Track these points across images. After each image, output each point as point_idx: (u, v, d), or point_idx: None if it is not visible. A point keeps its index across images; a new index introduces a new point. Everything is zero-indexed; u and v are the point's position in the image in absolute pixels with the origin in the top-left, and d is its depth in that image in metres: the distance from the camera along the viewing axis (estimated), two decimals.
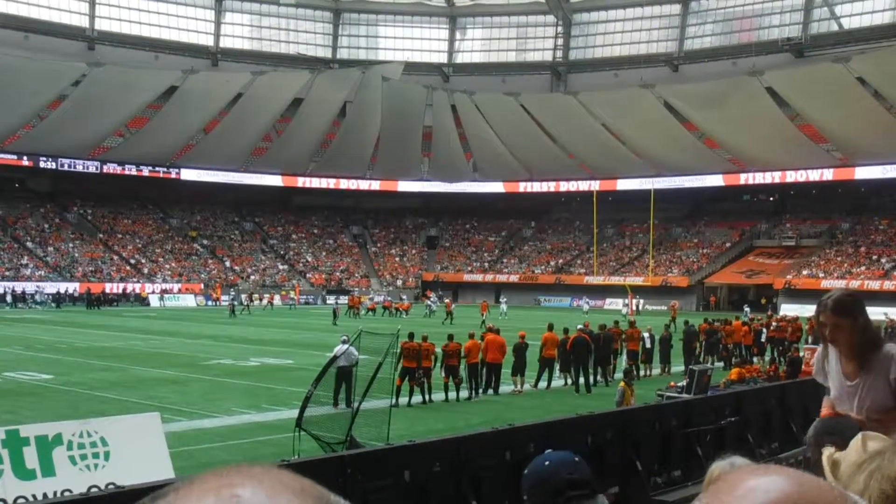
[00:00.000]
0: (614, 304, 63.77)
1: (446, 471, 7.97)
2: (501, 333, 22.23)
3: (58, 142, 67.70)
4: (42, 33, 70.93)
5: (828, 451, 2.41)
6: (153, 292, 64.85)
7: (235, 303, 54.57)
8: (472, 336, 21.59)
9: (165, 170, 75.17)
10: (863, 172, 65.37)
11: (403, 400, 19.37)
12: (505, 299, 59.21)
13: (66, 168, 70.61)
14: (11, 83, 61.92)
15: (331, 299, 65.91)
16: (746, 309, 53.62)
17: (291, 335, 38.92)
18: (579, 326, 23.71)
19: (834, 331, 3.81)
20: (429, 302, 57.70)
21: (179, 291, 66.62)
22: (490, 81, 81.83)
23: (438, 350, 20.51)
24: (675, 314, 45.39)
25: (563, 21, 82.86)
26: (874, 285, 59.69)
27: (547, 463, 2.66)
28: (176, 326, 42.80)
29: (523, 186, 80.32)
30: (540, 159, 77.43)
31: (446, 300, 56.07)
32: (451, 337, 21.03)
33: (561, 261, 76.92)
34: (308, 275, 76.43)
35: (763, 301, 62.37)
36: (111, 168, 72.45)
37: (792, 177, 68.88)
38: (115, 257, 70.38)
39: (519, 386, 21.92)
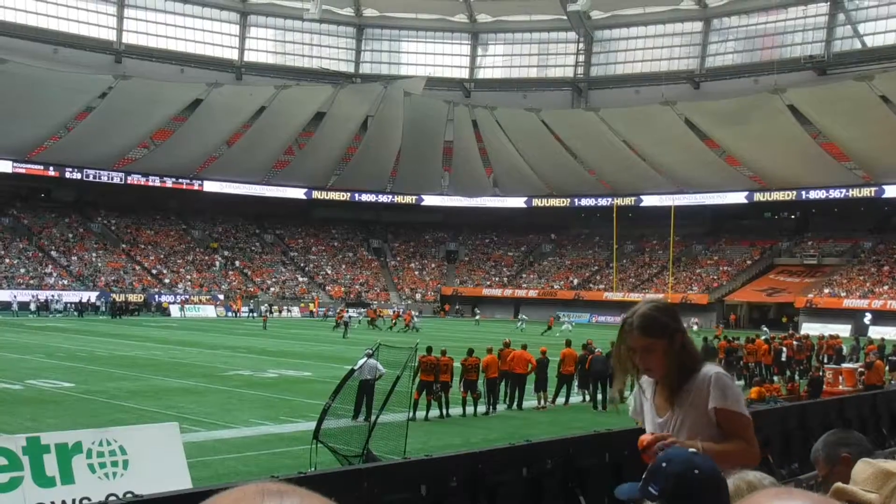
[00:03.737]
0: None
1: (463, 486, 7.98)
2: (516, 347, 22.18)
3: (84, 153, 68.44)
4: (71, 46, 71.74)
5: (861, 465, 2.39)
6: (174, 302, 65.21)
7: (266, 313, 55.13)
8: (489, 350, 21.58)
9: (188, 181, 75.76)
10: (886, 191, 64.90)
11: (421, 414, 19.35)
12: (524, 317, 59.14)
13: (91, 179, 71.34)
14: (40, 95, 62.67)
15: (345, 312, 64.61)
16: (765, 328, 53.31)
17: (311, 347, 39.01)
18: (598, 348, 23.62)
19: (646, 356, 3.11)
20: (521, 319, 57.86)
21: (200, 302, 66.95)
22: (511, 97, 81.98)
23: (457, 364, 20.51)
24: (720, 332, 43.77)
25: (585, 38, 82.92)
26: None
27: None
28: (196, 337, 43.00)
29: (543, 202, 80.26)
30: (560, 175, 77.41)
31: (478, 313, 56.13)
32: (470, 351, 21.02)
33: (580, 277, 76.75)
34: (327, 287, 76.64)
35: (784, 319, 61.94)
36: (135, 179, 73.11)
37: (814, 194, 68.56)
38: (138, 267, 70.86)
39: (543, 402, 21.90)
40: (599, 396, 22.22)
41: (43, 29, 71.12)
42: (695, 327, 52.30)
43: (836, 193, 67.60)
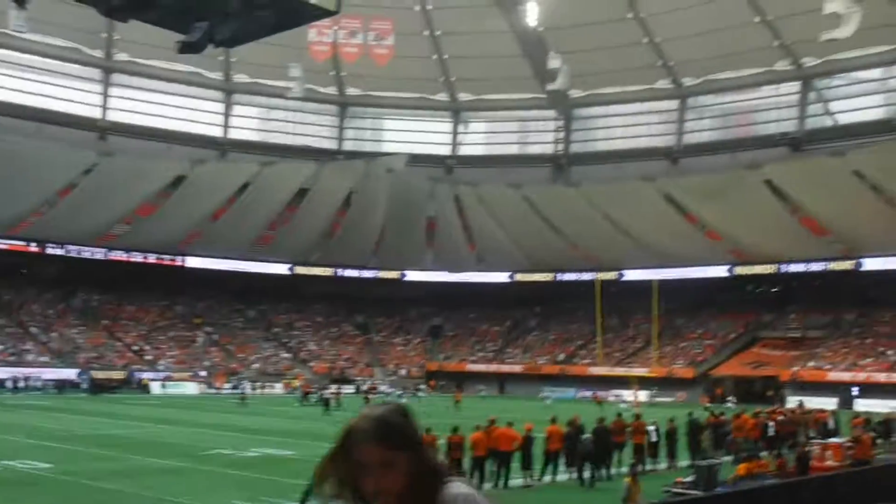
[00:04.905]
0: (613, 394, 63.26)
1: None
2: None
3: (67, 229, 68.39)
4: (55, 123, 72.13)
5: None
6: (155, 379, 64.52)
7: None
8: (477, 428, 21.35)
9: (171, 257, 75.55)
10: (865, 264, 65.49)
11: None
12: (549, 393, 58.19)
13: (73, 254, 71.11)
14: (23, 171, 62.93)
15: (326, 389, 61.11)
16: (730, 399, 54.08)
17: (294, 425, 38.56)
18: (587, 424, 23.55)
19: (382, 475, 2.32)
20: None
21: (181, 379, 66.26)
22: (493, 173, 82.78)
23: (442, 442, 20.29)
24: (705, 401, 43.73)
25: (564, 115, 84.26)
26: (881, 377, 59.35)
27: None
28: (177, 414, 42.48)
29: (527, 276, 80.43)
30: (543, 250, 77.80)
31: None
32: (455, 429, 20.81)
33: (565, 351, 76.59)
34: (311, 363, 76.10)
35: (770, 393, 61.84)
36: (118, 255, 72.90)
37: (794, 268, 69.06)
38: (118, 343, 70.27)
39: (529, 480, 21.66)
40: (587, 474, 22.02)
41: (27, 106, 71.59)
42: (731, 404, 51.94)
43: (816, 267, 68.15)
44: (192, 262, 75.81)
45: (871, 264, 64.97)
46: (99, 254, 72.12)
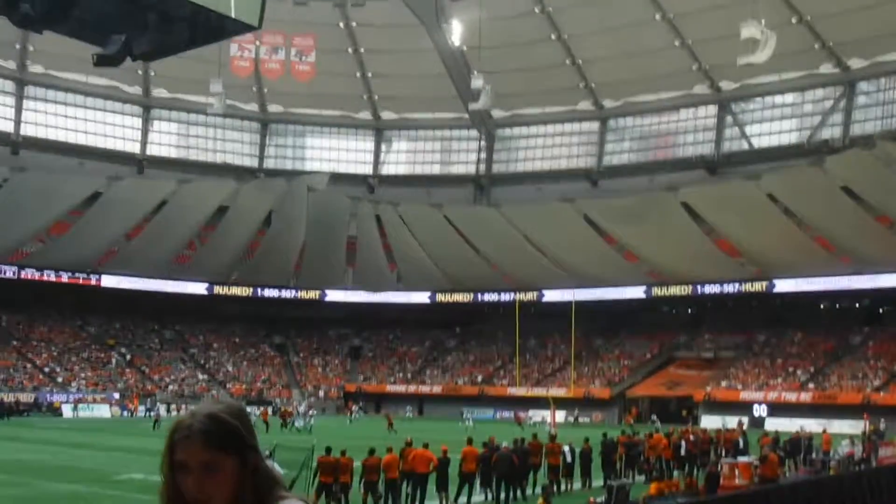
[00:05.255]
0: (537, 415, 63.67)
1: None
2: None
3: None
4: None
5: None
6: (66, 402, 62.79)
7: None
8: (390, 450, 21.22)
9: (85, 276, 73.62)
10: (777, 285, 67.20)
11: None
12: (468, 416, 58.10)
13: None
14: None
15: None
16: (654, 418, 55.02)
17: None
18: (505, 444, 23.67)
19: (205, 479, 2.07)
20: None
21: (94, 401, 64.62)
22: (415, 193, 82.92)
23: (358, 464, 20.17)
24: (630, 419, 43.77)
25: (487, 136, 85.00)
26: (791, 397, 60.95)
27: None
28: (88, 438, 41.41)
29: (447, 297, 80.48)
30: (463, 270, 78.06)
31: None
32: (371, 451, 20.71)
33: (484, 372, 76.84)
34: (228, 385, 74.95)
35: (684, 413, 62.95)
36: (29, 273, 70.73)
37: (709, 289, 70.40)
38: (29, 365, 68.23)
39: (445, 501, 21.64)
40: (503, 496, 22.11)
41: None
42: (656, 424, 52.02)
43: (729, 288, 69.68)
44: (108, 281, 74.01)
45: (782, 286, 66.75)
46: (10, 272, 69.88)
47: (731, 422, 47.02)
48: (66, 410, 61.08)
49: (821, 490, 17.55)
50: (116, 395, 66.52)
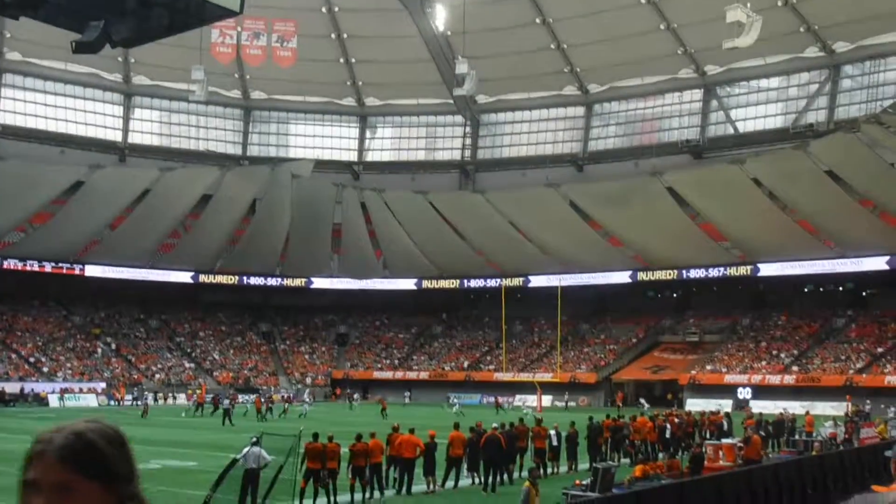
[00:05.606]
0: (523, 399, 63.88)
1: None
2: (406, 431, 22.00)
3: None
4: None
5: None
6: (53, 391, 62.56)
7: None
8: (373, 435, 21.13)
9: (69, 266, 73.21)
10: (761, 269, 67.50)
11: (308, 503, 18.96)
12: (455, 400, 58.27)
13: None
14: None
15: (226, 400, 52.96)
16: (642, 401, 55.35)
17: (196, 436, 37.86)
18: (494, 425, 23.79)
19: (56, 500, 1.77)
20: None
21: (80, 391, 64.37)
22: (400, 179, 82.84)
23: (345, 450, 20.19)
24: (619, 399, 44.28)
25: (471, 121, 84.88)
26: (775, 380, 61.39)
27: None
28: None
29: (433, 283, 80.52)
30: (449, 256, 78.10)
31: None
32: (359, 437, 20.70)
33: (471, 358, 77.00)
34: (215, 373, 74.85)
35: (669, 396, 63.35)
36: (12, 264, 70.30)
37: (694, 273, 70.65)
38: (14, 356, 67.91)
39: (432, 486, 21.70)
40: (490, 479, 22.19)
41: None
42: (645, 407, 52.26)
43: (714, 272, 69.95)
44: (92, 270, 73.65)
45: (766, 270, 67.08)
46: None
47: (714, 406, 47.39)
48: (53, 400, 60.83)
49: (802, 470, 17.71)
50: (103, 385, 66.28)
